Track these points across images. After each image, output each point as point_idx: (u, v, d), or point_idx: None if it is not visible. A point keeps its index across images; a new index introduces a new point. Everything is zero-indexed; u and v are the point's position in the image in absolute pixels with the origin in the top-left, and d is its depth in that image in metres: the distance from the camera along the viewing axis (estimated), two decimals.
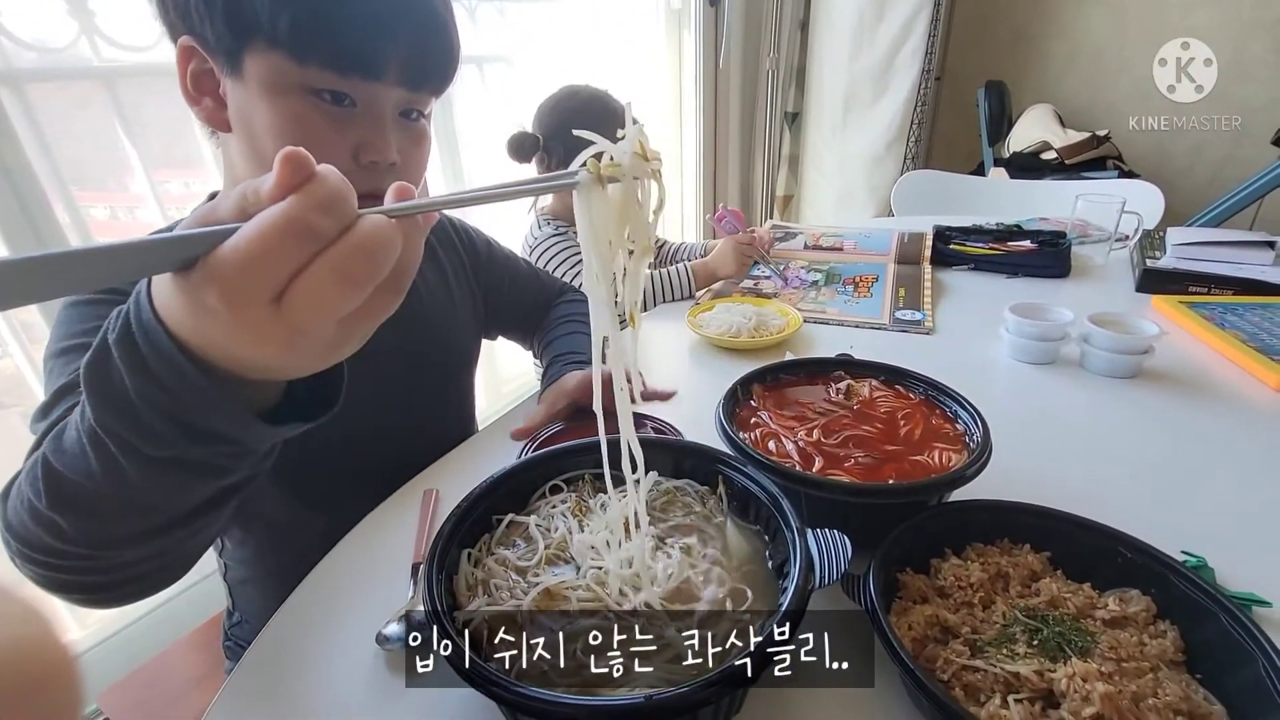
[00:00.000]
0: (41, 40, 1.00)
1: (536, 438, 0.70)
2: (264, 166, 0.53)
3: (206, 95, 0.55)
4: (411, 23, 0.54)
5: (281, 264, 0.25)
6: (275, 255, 0.25)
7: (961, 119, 2.70)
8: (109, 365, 0.30)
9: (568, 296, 0.95)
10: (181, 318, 0.28)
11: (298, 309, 0.26)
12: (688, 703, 0.32)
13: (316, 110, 0.53)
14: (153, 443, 0.31)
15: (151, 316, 0.28)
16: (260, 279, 0.25)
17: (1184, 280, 1.09)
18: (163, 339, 0.28)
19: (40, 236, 0.95)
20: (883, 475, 0.52)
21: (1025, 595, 0.44)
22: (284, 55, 0.50)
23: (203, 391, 0.29)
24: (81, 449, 0.33)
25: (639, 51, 2.15)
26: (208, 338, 0.28)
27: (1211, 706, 0.37)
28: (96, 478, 0.33)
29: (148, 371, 0.29)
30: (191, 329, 0.28)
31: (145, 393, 0.29)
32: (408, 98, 0.57)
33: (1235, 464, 0.67)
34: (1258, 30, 2.23)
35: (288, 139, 0.51)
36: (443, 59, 0.57)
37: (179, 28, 0.53)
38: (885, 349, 0.95)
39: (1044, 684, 0.37)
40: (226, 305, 0.26)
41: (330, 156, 0.52)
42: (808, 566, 0.39)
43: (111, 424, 0.31)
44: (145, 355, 0.29)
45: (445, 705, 0.42)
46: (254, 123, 0.53)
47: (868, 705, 0.42)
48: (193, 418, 0.30)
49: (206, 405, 0.30)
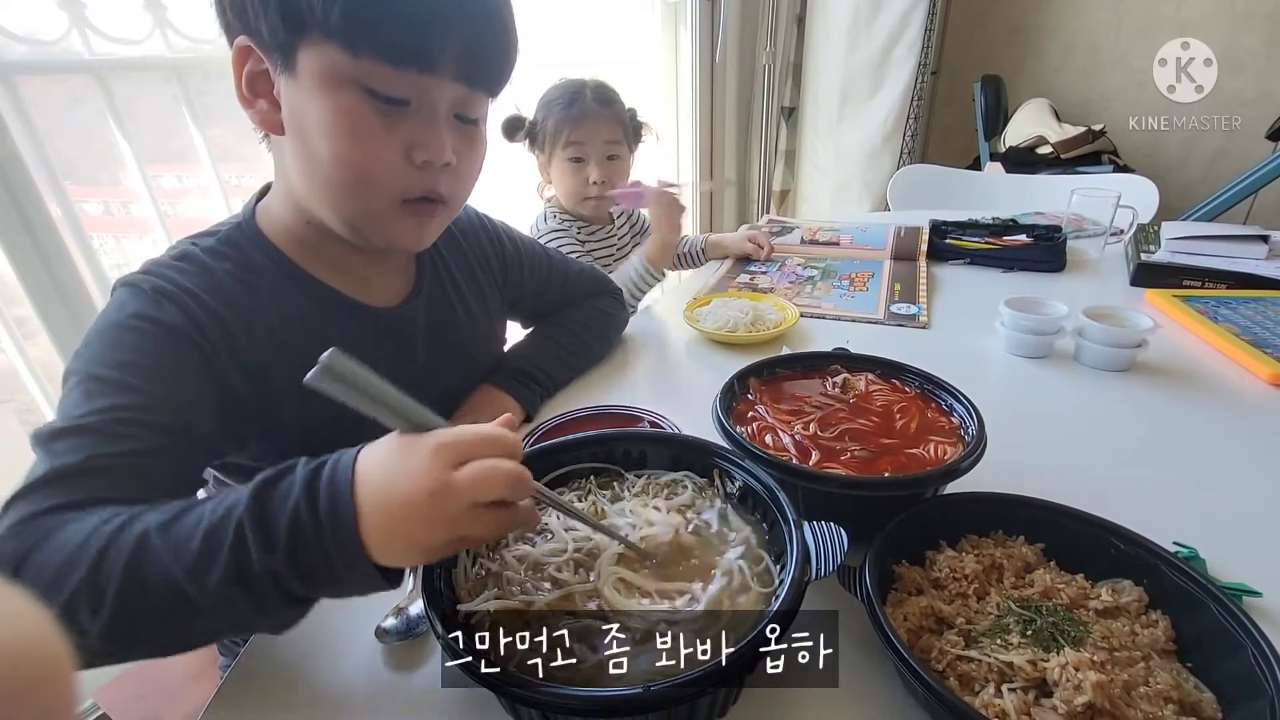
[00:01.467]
0: (32, 33, 1.00)
1: (535, 431, 0.70)
2: (317, 169, 0.54)
3: (261, 98, 0.53)
4: (468, 14, 0.52)
5: (478, 446, 0.37)
6: (480, 439, 0.37)
7: (957, 113, 2.70)
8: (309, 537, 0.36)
9: (595, 301, 0.93)
10: (376, 468, 0.37)
11: (460, 476, 0.36)
12: (686, 693, 0.33)
13: (370, 107, 0.51)
14: (303, 588, 0.37)
15: (350, 505, 0.36)
16: (463, 442, 0.37)
17: (1178, 274, 1.10)
18: (348, 504, 0.36)
19: (33, 231, 0.94)
20: (878, 468, 0.53)
21: (1019, 586, 0.44)
22: (338, 47, 0.49)
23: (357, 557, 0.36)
24: (192, 586, 0.36)
25: (635, 46, 2.15)
26: (386, 483, 0.36)
27: (1201, 694, 0.38)
28: (190, 609, 0.36)
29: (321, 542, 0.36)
30: (379, 477, 0.36)
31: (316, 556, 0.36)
32: (463, 95, 0.55)
33: (1227, 456, 0.67)
34: (1251, 23, 2.23)
35: (340, 136, 0.52)
36: (500, 54, 0.56)
37: (235, 27, 0.51)
38: (881, 343, 0.95)
39: (1037, 673, 0.37)
40: (433, 445, 0.36)
41: (382, 154, 0.54)
42: (804, 559, 0.40)
43: (286, 571, 0.36)
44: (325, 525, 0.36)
45: (444, 698, 0.42)
46: (306, 121, 0.52)
47: (864, 695, 0.42)
48: (348, 579, 0.37)
49: (347, 560, 0.36)
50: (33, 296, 0.97)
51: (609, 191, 1.19)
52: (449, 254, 0.75)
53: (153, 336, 0.51)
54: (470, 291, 0.77)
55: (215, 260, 0.57)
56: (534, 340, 0.87)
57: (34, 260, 0.95)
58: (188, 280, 0.54)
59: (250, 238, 0.60)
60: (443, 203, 0.59)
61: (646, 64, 2.21)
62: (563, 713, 0.34)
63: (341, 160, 0.53)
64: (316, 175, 0.54)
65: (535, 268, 0.86)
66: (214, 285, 0.55)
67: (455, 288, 0.75)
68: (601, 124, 1.18)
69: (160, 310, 0.51)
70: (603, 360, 0.91)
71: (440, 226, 0.63)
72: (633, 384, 0.86)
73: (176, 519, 0.38)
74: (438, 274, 0.73)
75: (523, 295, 0.85)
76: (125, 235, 1.25)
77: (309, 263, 0.61)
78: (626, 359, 0.93)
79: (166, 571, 0.36)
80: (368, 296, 0.64)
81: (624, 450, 0.53)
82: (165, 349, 0.51)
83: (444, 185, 0.58)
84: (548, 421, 0.72)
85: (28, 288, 0.96)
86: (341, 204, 0.56)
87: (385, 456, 0.37)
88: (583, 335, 0.87)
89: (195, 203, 1.28)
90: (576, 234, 1.24)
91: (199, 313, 0.53)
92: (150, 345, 0.50)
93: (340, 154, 0.52)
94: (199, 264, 0.56)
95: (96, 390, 0.47)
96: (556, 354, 0.83)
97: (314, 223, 0.59)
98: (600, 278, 0.97)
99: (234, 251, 0.58)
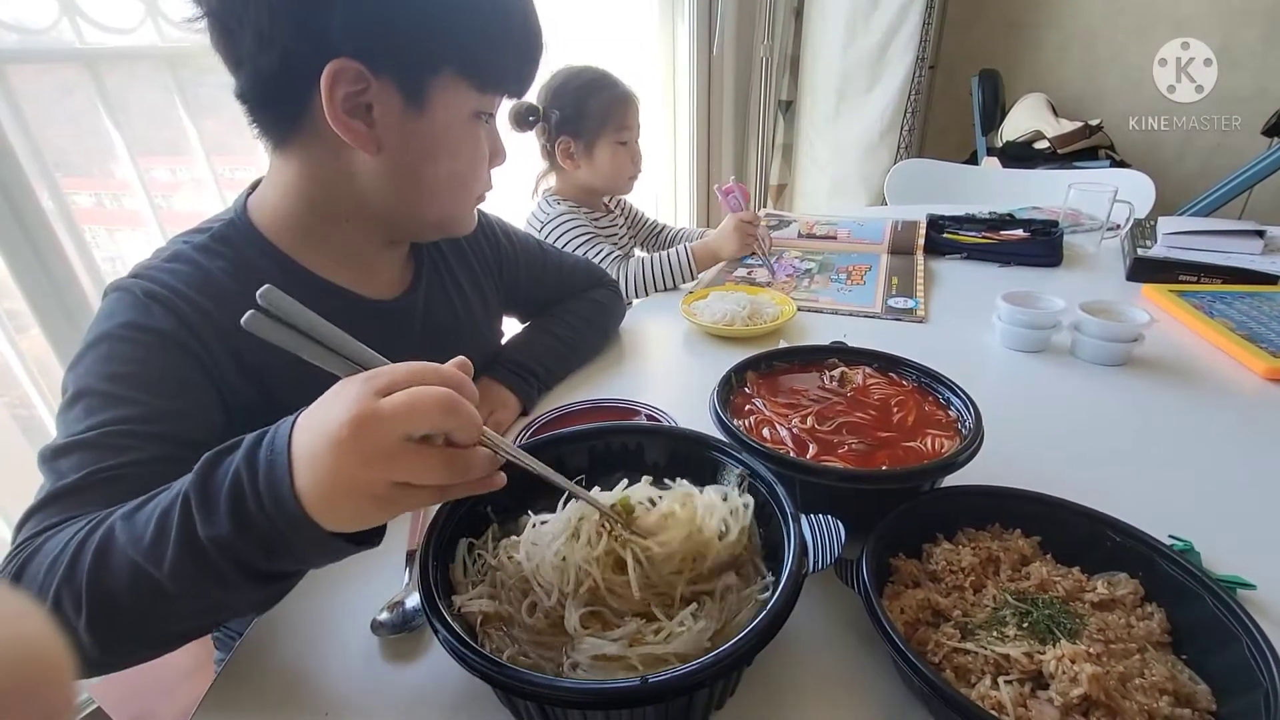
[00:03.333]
0: (21, 21, 0.98)
1: (531, 425, 0.70)
2: (419, 183, 0.58)
3: (357, 120, 0.52)
4: (541, 41, 0.58)
5: (412, 377, 0.33)
6: (416, 371, 0.34)
7: (955, 108, 2.69)
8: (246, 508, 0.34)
9: (592, 293, 0.93)
10: (313, 416, 0.34)
11: (386, 404, 0.32)
12: (683, 685, 0.33)
13: (480, 129, 0.59)
14: (261, 562, 0.35)
15: (285, 470, 0.34)
16: (395, 375, 0.33)
17: (1174, 269, 1.10)
18: (283, 462, 0.34)
19: (24, 224, 0.93)
20: (876, 461, 0.53)
21: (1015, 579, 0.44)
22: (471, 85, 0.54)
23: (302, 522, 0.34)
24: (151, 568, 0.35)
25: (632, 39, 2.14)
26: (316, 428, 0.34)
27: (1196, 686, 0.38)
28: (160, 594, 0.36)
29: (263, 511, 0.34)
30: (313, 425, 0.34)
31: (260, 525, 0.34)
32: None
33: (1222, 449, 0.68)
34: (1248, 19, 2.23)
35: (462, 160, 0.58)
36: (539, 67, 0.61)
37: (334, 49, 0.48)
38: (878, 337, 0.95)
39: (1033, 665, 0.37)
40: (362, 379, 0.33)
41: (484, 168, 0.62)
42: (801, 552, 0.40)
43: (235, 542, 0.34)
44: (265, 501, 0.34)
45: (441, 691, 0.42)
46: (427, 146, 0.55)
47: (860, 687, 0.42)
48: (299, 547, 0.35)
49: (289, 522, 0.34)
50: (25, 290, 0.96)
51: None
52: (447, 248, 0.75)
53: (144, 345, 0.50)
54: (468, 285, 0.76)
55: (207, 258, 0.56)
56: (531, 334, 0.86)
57: (26, 253, 0.94)
58: (178, 281, 0.53)
59: (243, 233, 0.59)
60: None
61: (644, 57, 2.20)
62: (559, 705, 0.33)
63: (458, 178, 0.60)
64: (421, 188, 0.58)
65: (531, 261, 0.86)
66: (206, 283, 0.55)
67: (453, 282, 0.74)
68: (637, 106, 1.25)
69: (150, 316, 0.51)
70: (601, 352, 0.91)
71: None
72: (630, 377, 0.86)
73: (139, 507, 0.38)
74: (436, 268, 0.73)
75: (519, 289, 0.85)
76: (118, 228, 1.24)
77: (305, 256, 0.61)
78: (624, 352, 0.93)
79: (128, 558, 0.36)
80: (366, 289, 0.64)
81: (621, 443, 0.52)
82: (157, 357, 0.51)
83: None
84: (544, 415, 0.72)
85: (20, 281, 0.95)
86: (441, 209, 0.61)
87: (320, 404, 0.35)
88: (580, 328, 0.87)
89: (188, 195, 1.27)
90: (585, 219, 1.24)
91: (191, 314, 0.52)
92: (142, 354, 0.50)
93: (458, 173, 0.59)
94: (190, 262, 0.55)
95: (94, 405, 0.47)
96: (554, 347, 0.83)
97: (309, 219, 0.59)
98: (596, 270, 0.97)
99: (226, 248, 0.58)
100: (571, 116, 1.20)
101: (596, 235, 1.21)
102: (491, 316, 0.82)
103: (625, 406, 0.72)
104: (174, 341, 0.51)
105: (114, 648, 0.38)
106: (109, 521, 0.38)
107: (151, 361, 0.50)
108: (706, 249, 1.20)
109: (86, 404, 0.47)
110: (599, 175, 1.25)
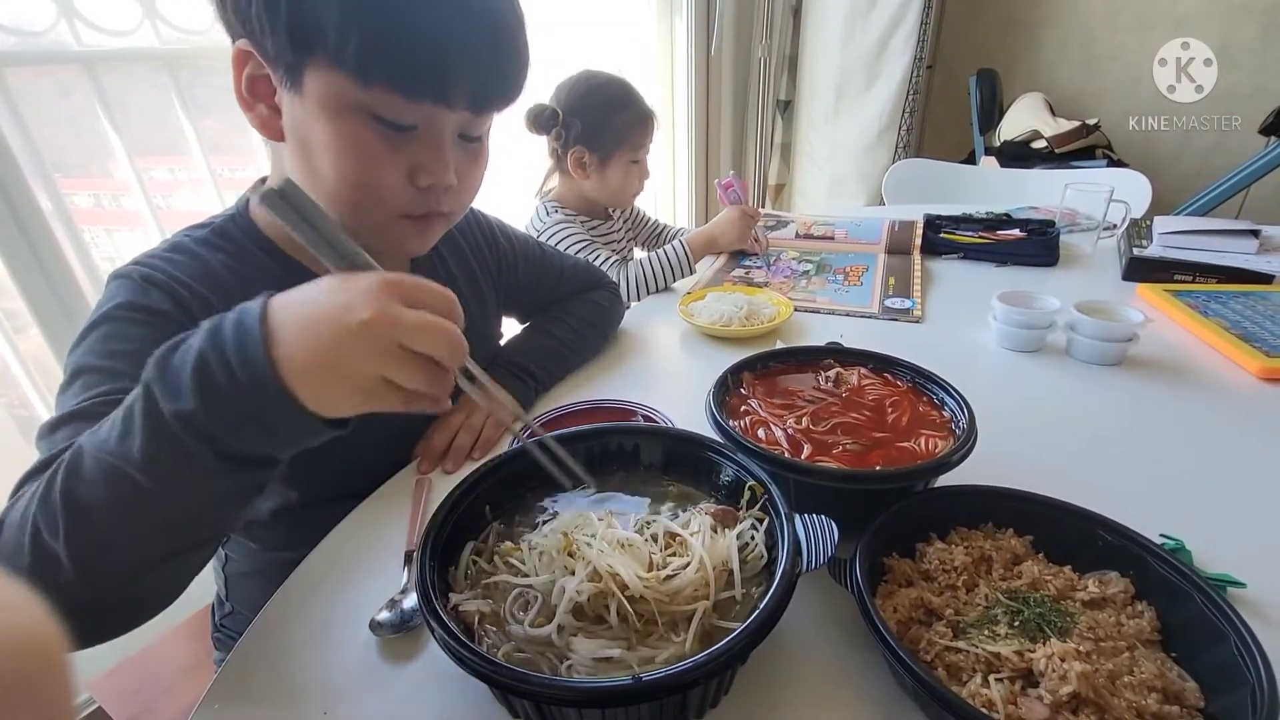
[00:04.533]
0: (20, 23, 0.99)
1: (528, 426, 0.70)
2: (320, 183, 0.54)
3: (261, 102, 0.52)
4: (484, 41, 0.50)
5: (424, 293, 0.36)
6: (426, 288, 0.37)
7: (953, 107, 2.69)
8: (211, 367, 0.34)
9: (591, 295, 0.93)
10: (297, 299, 0.36)
11: (408, 315, 0.35)
12: (677, 683, 0.33)
13: (375, 134, 0.51)
14: (231, 438, 0.35)
15: (259, 336, 0.34)
16: (410, 286, 0.36)
17: (1169, 268, 1.10)
18: (256, 334, 0.34)
19: (23, 224, 0.94)
20: (870, 462, 0.53)
21: (1008, 578, 0.45)
22: (348, 76, 0.47)
23: (282, 395, 0.34)
24: (122, 463, 0.35)
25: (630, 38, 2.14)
26: (313, 311, 0.35)
27: (1185, 683, 0.38)
28: (134, 490, 0.35)
29: (233, 374, 0.34)
30: (301, 308, 0.35)
31: (231, 390, 0.34)
32: (471, 120, 0.55)
33: (1216, 449, 0.68)
34: (1247, 17, 2.23)
35: (343, 160, 0.52)
36: (512, 77, 0.54)
37: (237, 29, 0.50)
38: (875, 337, 0.95)
39: (1024, 664, 0.38)
40: (381, 279, 0.35)
41: (386, 177, 0.54)
42: (795, 551, 0.40)
43: (200, 416, 0.34)
44: (234, 362, 0.34)
45: (439, 690, 0.43)
46: (310, 139, 0.51)
47: (853, 685, 0.43)
48: (271, 419, 0.35)
49: (283, 407, 0.35)
50: (24, 290, 0.96)
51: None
52: (445, 249, 0.75)
53: (143, 324, 0.51)
54: (466, 286, 0.76)
55: (207, 250, 0.57)
56: (530, 335, 0.87)
57: (25, 253, 0.95)
58: (177, 269, 0.54)
59: (244, 229, 0.60)
60: (443, 215, 0.60)
61: (642, 57, 2.20)
62: (555, 703, 0.34)
63: (345, 179, 0.53)
64: (319, 189, 0.54)
65: (530, 263, 0.86)
66: (205, 273, 0.55)
67: (451, 282, 0.74)
68: (654, 125, 1.26)
69: (148, 298, 0.52)
70: (599, 354, 0.91)
71: (440, 233, 0.63)
72: (627, 378, 0.86)
73: (102, 423, 0.38)
74: (433, 268, 0.73)
75: (518, 290, 0.85)
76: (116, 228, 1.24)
77: (303, 255, 0.61)
78: (621, 353, 0.93)
79: (98, 460, 0.36)
80: None
81: (618, 444, 0.53)
82: (154, 334, 0.51)
83: (445, 203, 0.58)
84: (542, 416, 0.72)
85: (19, 281, 0.95)
86: (343, 215, 0.56)
87: (312, 289, 0.36)
88: (579, 329, 0.87)
89: (187, 195, 1.27)
90: (581, 227, 1.24)
91: (189, 299, 0.53)
92: (138, 332, 0.50)
93: (344, 174, 0.52)
94: (189, 253, 0.56)
95: (92, 381, 0.48)
96: (552, 349, 0.83)
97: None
98: (595, 271, 0.97)
99: (226, 242, 0.58)
100: (592, 129, 1.19)
101: (593, 242, 1.21)
102: (490, 317, 0.82)
103: (622, 407, 0.72)
104: (173, 321, 0.52)
105: (97, 570, 0.37)
106: (77, 441, 0.38)
107: (150, 339, 0.50)
108: (703, 236, 1.21)
109: (84, 380, 0.48)
110: (606, 190, 1.25)
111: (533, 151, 1.31)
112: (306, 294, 0.36)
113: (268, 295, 0.36)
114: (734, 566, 0.41)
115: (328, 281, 0.36)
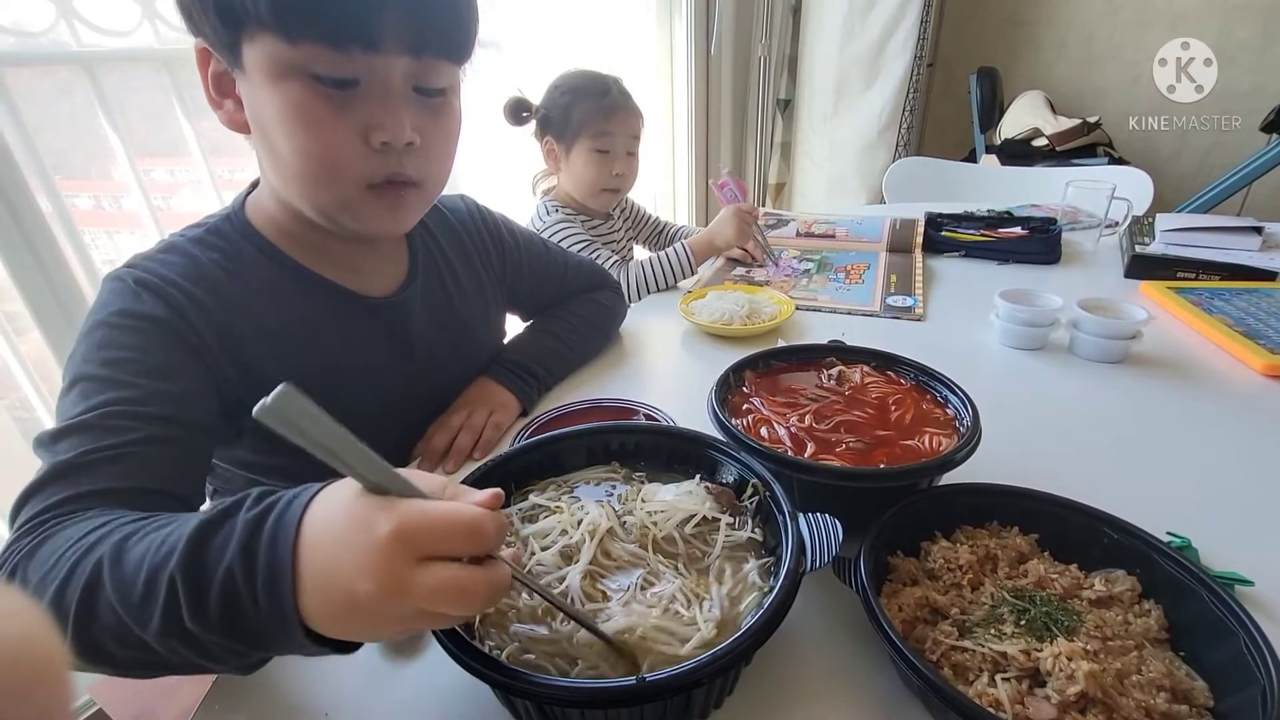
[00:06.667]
0: (19, 24, 0.98)
1: (530, 425, 0.70)
2: (282, 163, 0.53)
3: (228, 98, 0.53)
4: None
5: (447, 539, 0.30)
6: (452, 529, 0.30)
7: (953, 105, 2.69)
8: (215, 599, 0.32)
9: (595, 295, 0.92)
10: (325, 534, 0.31)
11: (421, 582, 0.30)
12: (681, 684, 0.33)
13: (317, 95, 0.50)
14: (248, 648, 0.34)
15: (289, 553, 0.31)
16: (431, 534, 0.30)
17: (1172, 266, 1.10)
18: (286, 578, 0.31)
19: (23, 226, 0.93)
20: (873, 460, 0.53)
21: (1013, 576, 0.44)
22: (275, 37, 0.47)
23: (288, 624, 0.32)
24: (137, 628, 0.34)
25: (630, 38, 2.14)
26: (332, 563, 0.31)
27: (1194, 683, 0.38)
28: (144, 646, 0.34)
29: (257, 608, 0.32)
30: (326, 550, 0.31)
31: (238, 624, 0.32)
32: (416, 67, 0.52)
33: (1220, 446, 0.68)
34: (1245, 15, 2.23)
35: (294, 127, 0.50)
36: (451, 17, 0.53)
37: (190, 30, 0.51)
38: (877, 335, 0.95)
39: (1030, 663, 0.37)
40: (391, 531, 0.29)
41: (339, 140, 0.52)
42: (799, 550, 0.40)
43: (219, 634, 0.33)
44: (260, 591, 0.32)
45: (439, 689, 0.42)
46: (263, 116, 0.51)
47: (858, 685, 0.42)
48: (294, 647, 0.33)
49: (286, 635, 0.32)
50: (24, 292, 0.96)
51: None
52: (447, 245, 0.75)
53: (138, 331, 0.51)
54: (468, 283, 0.76)
55: (200, 250, 0.57)
56: (532, 333, 0.86)
57: (25, 256, 0.94)
58: (170, 271, 0.54)
59: (239, 229, 0.60)
60: (413, 184, 0.57)
61: (642, 57, 2.20)
62: (557, 704, 0.34)
63: (300, 151, 0.52)
64: (283, 170, 0.54)
65: (534, 260, 0.86)
66: (199, 274, 0.55)
67: (453, 278, 0.74)
68: (629, 118, 1.22)
69: (141, 303, 0.52)
70: (601, 354, 0.91)
71: (418, 209, 0.61)
72: (628, 377, 0.86)
73: (137, 540, 0.36)
74: (434, 264, 0.73)
75: (522, 288, 0.85)
76: (117, 230, 1.24)
77: (300, 253, 0.61)
78: (623, 352, 0.93)
79: (113, 609, 0.35)
80: (360, 286, 0.64)
81: (619, 443, 0.52)
82: (151, 342, 0.51)
83: (411, 167, 0.56)
84: (543, 415, 0.72)
85: (19, 284, 0.95)
86: (311, 195, 0.55)
87: (338, 522, 0.31)
88: (581, 329, 0.87)
89: (187, 196, 1.27)
90: (580, 226, 1.24)
91: (182, 301, 0.53)
92: (135, 340, 0.50)
93: (298, 145, 0.51)
94: (183, 253, 0.56)
95: (90, 389, 0.48)
96: (555, 348, 0.83)
97: (298, 215, 0.59)
98: (599, 271, 0.97)
99: (221, 241, 0.58)
100: (556, 118, 1.20)
101: (593, 241, 1.21)
102: (492, 314, 0.82)
103: (624, 406, 0.72)
104: (167, 327, 0.52)
105: (100, 670, 0.37)
106: (100, 550, 0.36)
107: (146, 346, 0.51)
108: (703, 240, 1.20)
109: (83, 389, 0.48)
110: (573, 180, 1.24)
111: (532, 151, 1.31)
112: (332, 522, 0.32)
113: (306, 503, 0.33)
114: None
115: (348, 510, 0.31)
